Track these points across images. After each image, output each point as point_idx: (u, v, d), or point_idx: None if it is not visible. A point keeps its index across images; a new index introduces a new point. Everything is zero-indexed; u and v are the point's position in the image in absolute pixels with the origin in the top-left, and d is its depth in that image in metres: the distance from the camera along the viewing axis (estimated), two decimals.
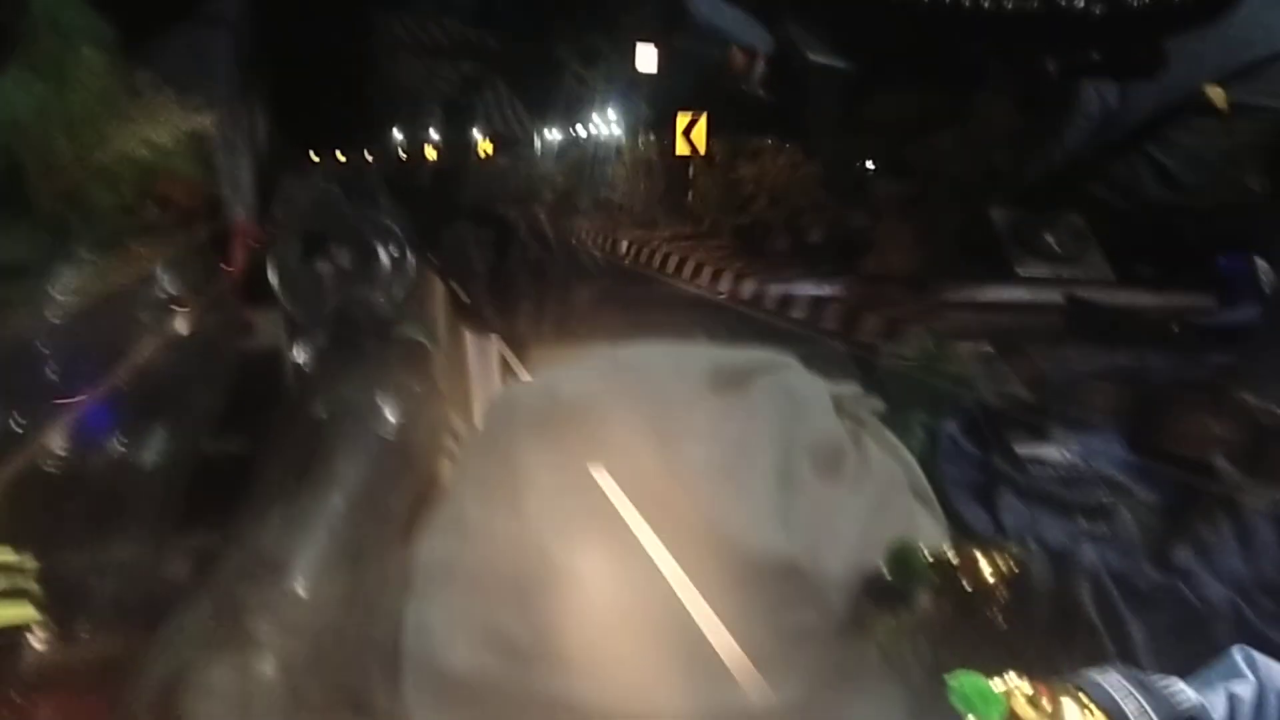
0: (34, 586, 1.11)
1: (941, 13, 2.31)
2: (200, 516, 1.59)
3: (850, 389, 1.65)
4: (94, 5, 1.68)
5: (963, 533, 1.59)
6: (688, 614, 1.41)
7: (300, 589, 1.43)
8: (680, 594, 1.42)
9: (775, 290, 2.58)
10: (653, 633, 1.41)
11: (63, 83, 1.59)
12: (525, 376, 1.96)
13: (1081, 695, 1.12)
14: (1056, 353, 2.17)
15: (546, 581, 1.46)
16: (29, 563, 1.11)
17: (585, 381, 1.60)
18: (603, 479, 1.45)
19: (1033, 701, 1.12)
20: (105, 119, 1.66)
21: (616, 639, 1.40)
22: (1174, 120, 3.27)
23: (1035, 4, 2.35)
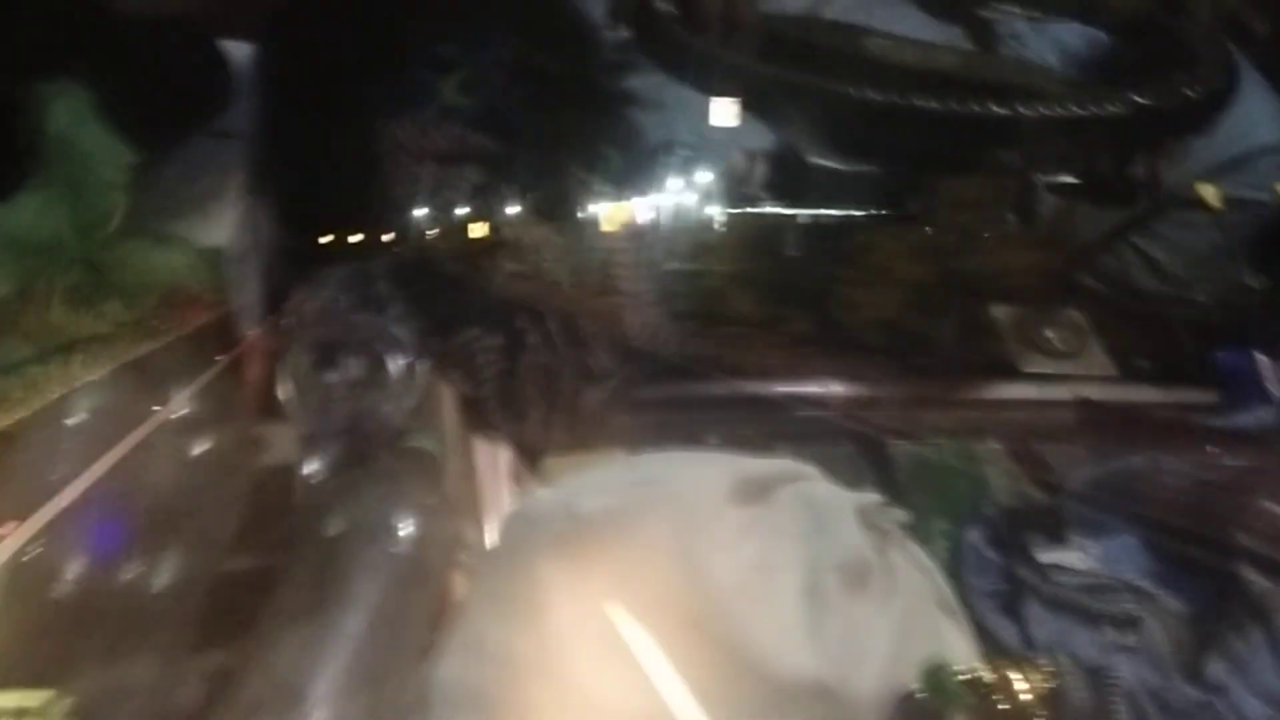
0: None
1: (950, 118, 2.38)
2: (216, 637, 1.55)
3: (872, 499, 1.64)
4: (108, 125, 1.71)
5: (991, 646, 1.56)
6: None
7: (318, 715, 1.39)
8: (706, 717, 1.39)
9: (781, 389, 2.59)
10: None
11: (80, 204, 1.60)
12: (538, 486, 1.94)
13: None
14: (1067, 453, 2.16)
15: (568, 706, 1.43)
16: (60, 703, 1.08)
17: (604, 496, 1.59)
18: (622, 609, 1.43)
19: None
20: (122, 239, 1.67)
21: None
22: (1161, 214, 3.32)
23: (1043, 109, 2.42)
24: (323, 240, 2.22)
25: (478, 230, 2.48)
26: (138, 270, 1.67)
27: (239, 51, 2.41)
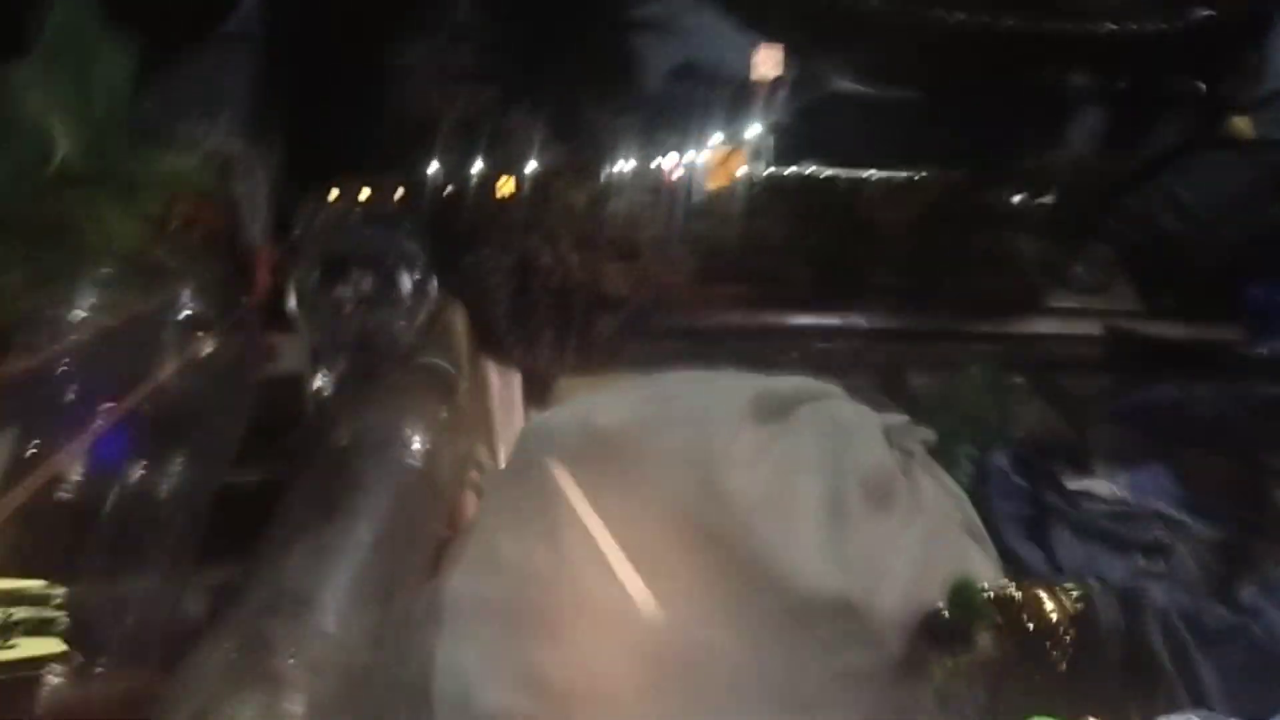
0: (61, 617, 1.05)
1: (979, 40, 2.30)
2: (222, 547, 1.52)
3: (898, 419, 1.59)
4: (115, 22, 1.64)
5: (1017, 570, 1.53)
6: (733, 653, 1.35)
7: (328, 625, 1.36)
8: (725, 632, 1.36)
9: (802, 320, 2.54)
10: (695, 672, 1.34)
11: (82, 90, 1.54)
12: (553, 408, 1.90)
13: None
14: (1095, 385, 2.12)
15: (584, 619, 1.39)
16: (55, 591, 1.05)
17: (621, 411, 1.54)
18: (639, 523, 1.39)
19: None
20: (125, 133, 1.61)
21: (657, 678, 1.34)
22: (1192, 152, 3.24)
23: (1069, 26, 2.33)
24: (335, 150, 2.16)
25: (494, 151, 2.42)
26: (143, 169, 1.61)
27: None
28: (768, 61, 2.60)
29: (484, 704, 1.37)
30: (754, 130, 2.79)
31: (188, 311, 1.53)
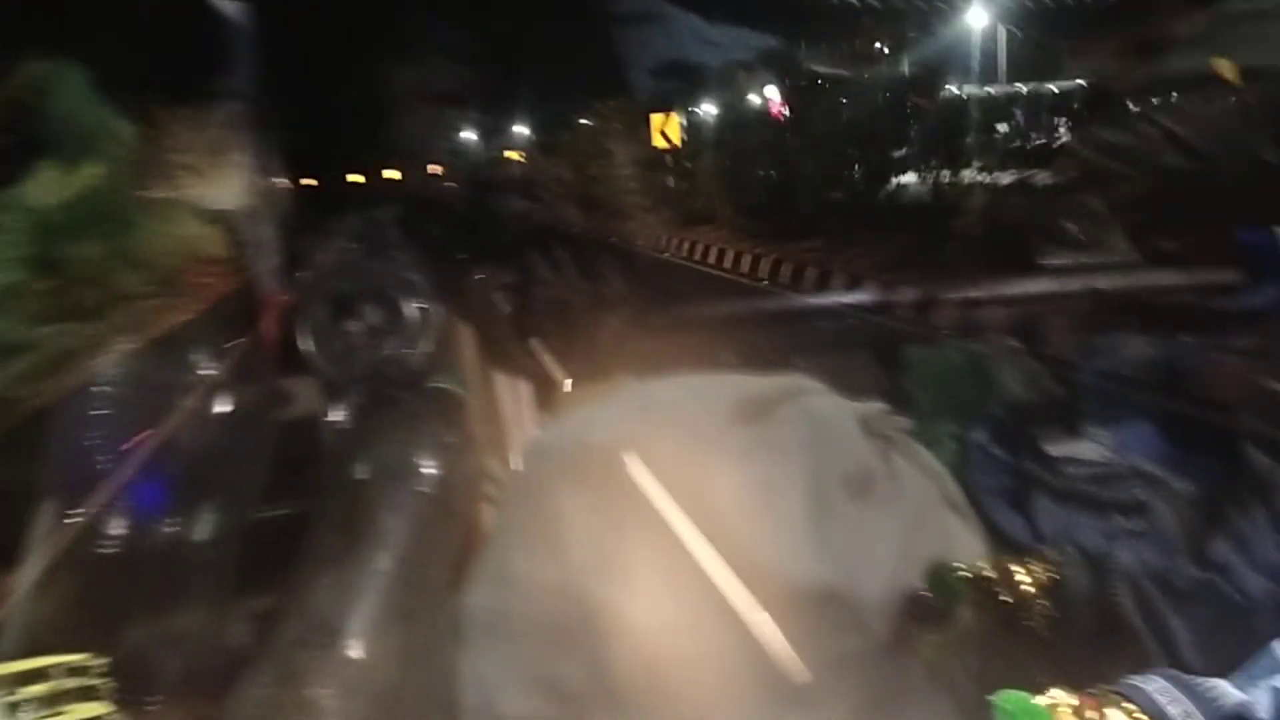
0: (103, 683, 1.16)
1: None
2: (256, 582, 1.64)
3: (875, 407, 1.67)
4: (110, 95, 1.74)
5: (1001, 542, 1.60)
6: (729, 649, 1.44)
7: (355, 651, 1.47)
8: (720, 629, 1.45)
9: (797, 302, 2.61)
10: (696, 670, 1.44)
11: (86, 179, 1.65)
12: (554, 417, 1.99)
13: (1126, 704, 1.14)
14: (1084, 343, 2.16)
15: (593, 624, 1.49)
16: (97, 662, 1.16)
17: (612, 424, 1.63)
18: (635, 531, 1.48)
19: (1078, 713, 1.13)
20: (132, 208, 1.72)
21: (661, 677, 1.43)
22: (1186, 89, 3.25)
23: None
24: (333, 188, 2.26)
25: (484, 168, 2.51)
26: (151, 239, 1.72)
27: (235, 10, 2.42)
28: None
29: (507, 711, 1.48)
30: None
31: (205, 372, 1.63)
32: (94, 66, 1.74)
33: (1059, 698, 1.15)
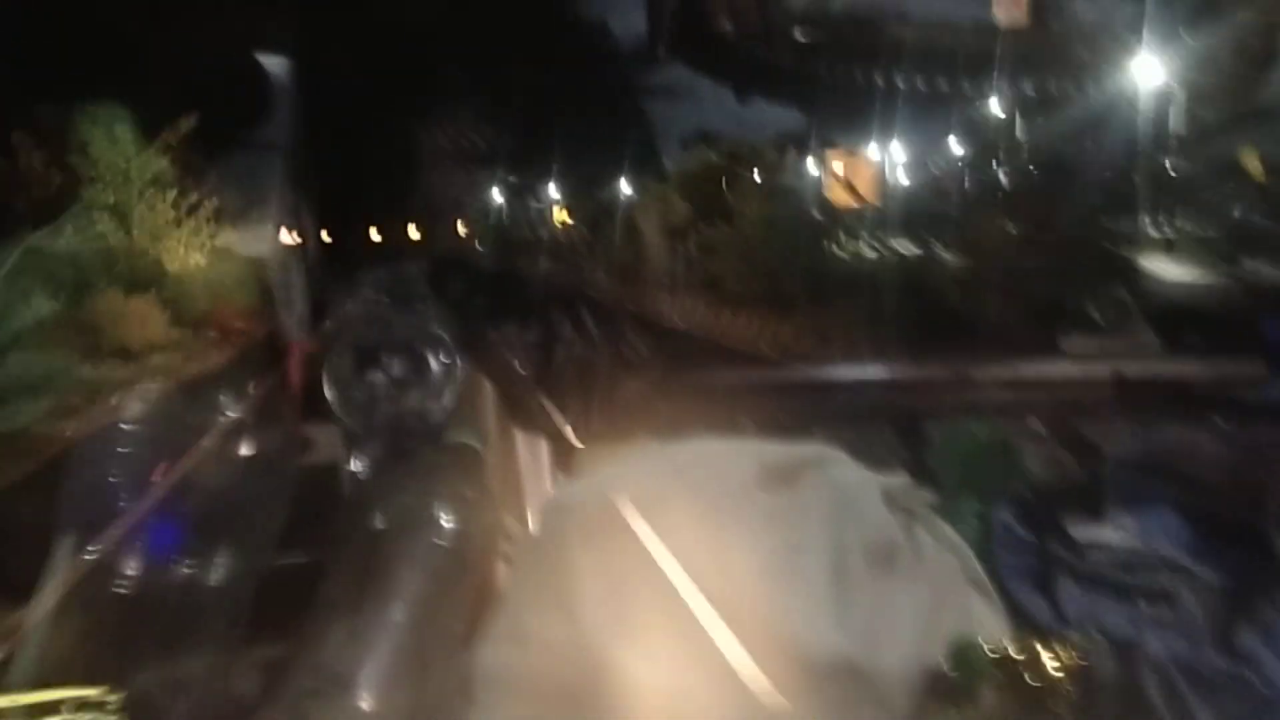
0: (116, 719, 1.14)
1: None
2: (269, 630, 1.62)
3: (899, 481, 1.66)
4: (150, 141, 1.77)
5: (1023, 623, 1.57)
6: (751, 716, 1.41)
7: (366, 703, 1.45)
8: (737, 698, 1.42)
9: (821, 374, 2.61)
10: None
11: (125, 221, 1.67)
12: (575, 476, 1.99)
13: None
14: (1108, 431, 2.15)
15: (604, 687, 1.47)
16: (112, 698, 1.15)
17: (634, 484, 1.62)
18: (654, 594, 1.46)
19: None
20: (166, 251, 1.73)
21: None
22: (1209, 187, 3.28)
23: None
24: (363, 242, 2.28)
25: (513, 228, 2.54)
26: (182, 283, 1.73)
27: (276, 65, 2.47)
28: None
29: None
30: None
31: (229, 415, 1.64)
32: (137, 112, 1.78)
33: None
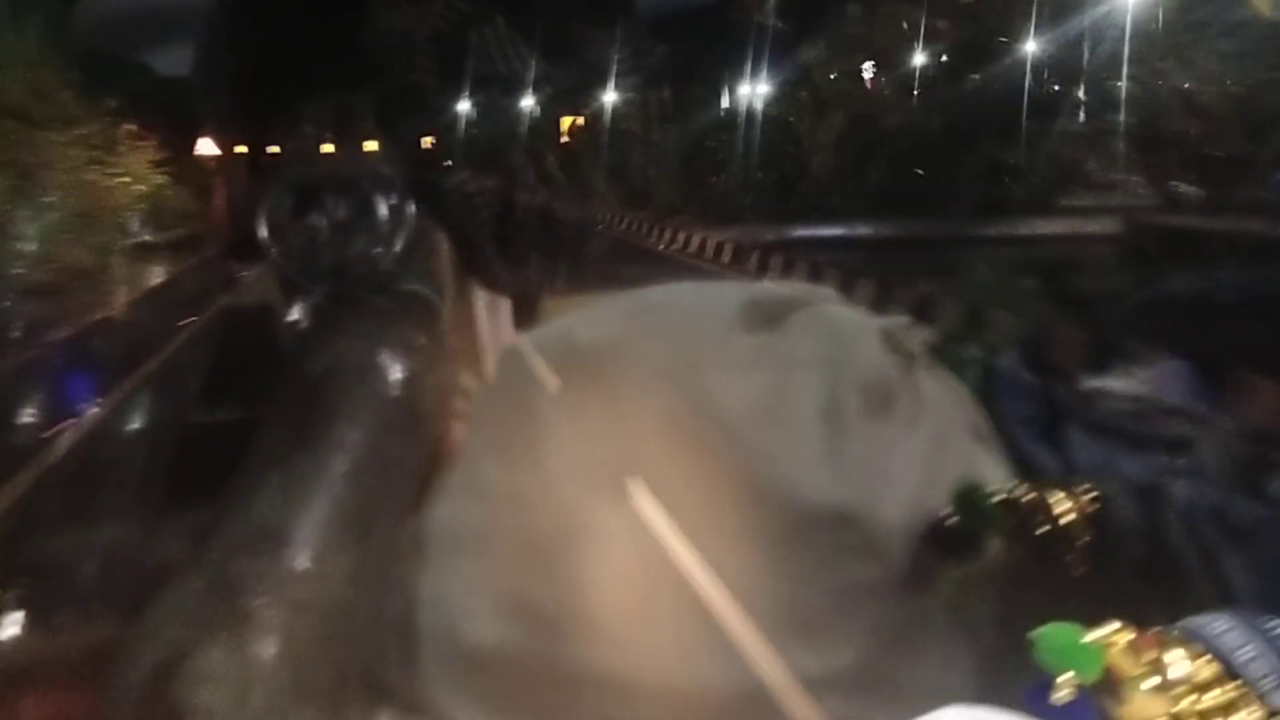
0: None
1: None
2: (193, 489, 1.46)
3: (896, 320, 1.50)
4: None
5: (1029, 474, 1.44)
6: (728, 570, 1.28)
7: (302, 561, 1.29)
8: (720, 548, 1.28)
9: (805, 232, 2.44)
10: (689, 597, 1.27)
11: (17, 24, 1.45)
12: (540, 327, 1.82)
13: (1190, 643, 0.98)
14: (1113, 281, 2.02)
15: (572, 544, 1.32)
16: None
17: (605, 324, 1.46)
18: (626, 440, 1.31)
19: (1135, 652, 0.97)
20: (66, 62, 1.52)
21: (649, 605, 1.27)
22: (1197, 32, 3.10)
23: None
24: (304, 78, 2.06)
25: (473, 66, 2.32)
26: (86, 97, 1.53)
27: None
28: None
29: (470, 635, 1.31)
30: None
31: (138, 239, 1.45)
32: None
33: (1112, 634, 0.99)
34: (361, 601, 1.32)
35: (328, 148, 1.92)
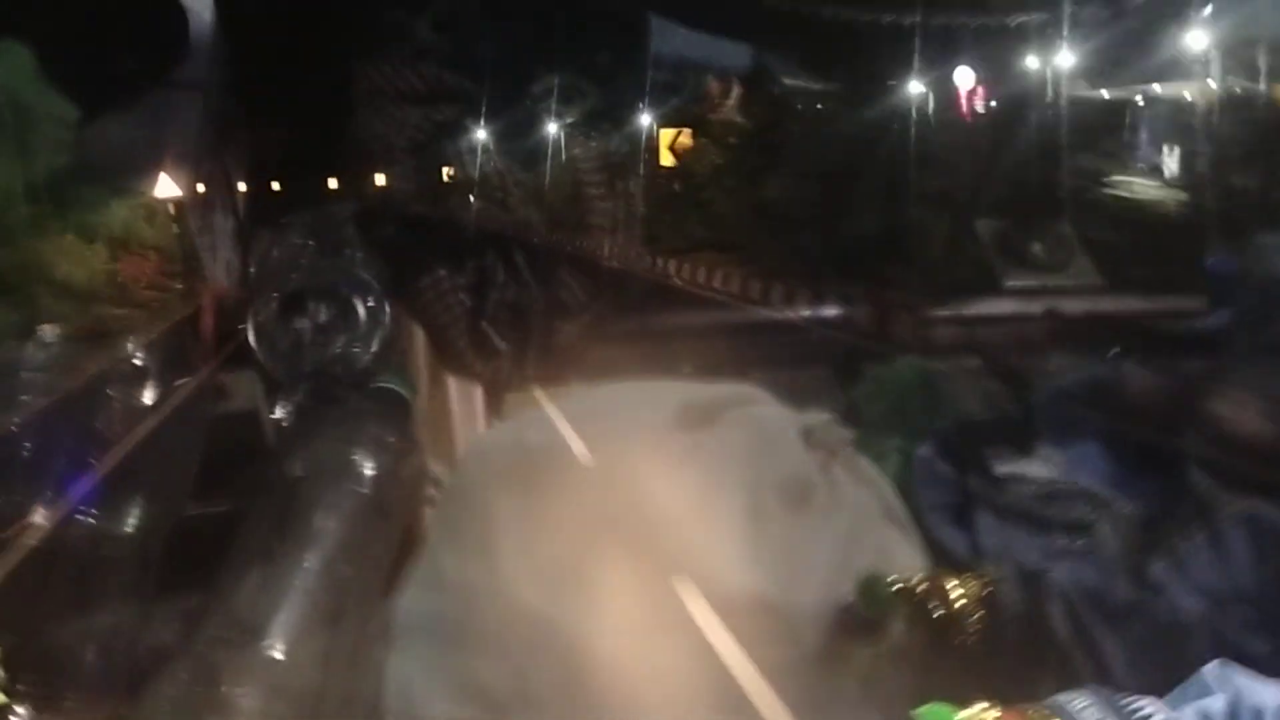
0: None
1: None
2: (183, 581, 1.61)
3: (820, 418, 1.65)
4: (56, 82, 1.72)
5: (941, 557, 1.57)
6: (660, 656, 1.41)
7: (277, 651, 1.44)
8: (652, 636, 1.42)
9: (762, 315, 2.59)
10: (625, 677, 1.41)
11: (25, 156, 1.62)
12: (501, 422, 1.97)
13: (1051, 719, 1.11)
14: (1042, 365, 2.15)
15: (521, 630, 1.46)
16: None
17: (551, 426, 1.61)
18: (570, 536, 1.46)
19: None
20: (68, 193, 1.69)
21: (589, 684, 1.41)
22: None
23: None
24: (289, 187, 2.24)
25: (449, 168, 2.50)
26: (90, 224, 1.69)
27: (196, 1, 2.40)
28: None
29: (428, 715, 1.45)
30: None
31: (136, 363, 1.60)
32: (41, 49, 1.71)
33: (981, 711, 1.12)
34: (334, 685, 1.46)
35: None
